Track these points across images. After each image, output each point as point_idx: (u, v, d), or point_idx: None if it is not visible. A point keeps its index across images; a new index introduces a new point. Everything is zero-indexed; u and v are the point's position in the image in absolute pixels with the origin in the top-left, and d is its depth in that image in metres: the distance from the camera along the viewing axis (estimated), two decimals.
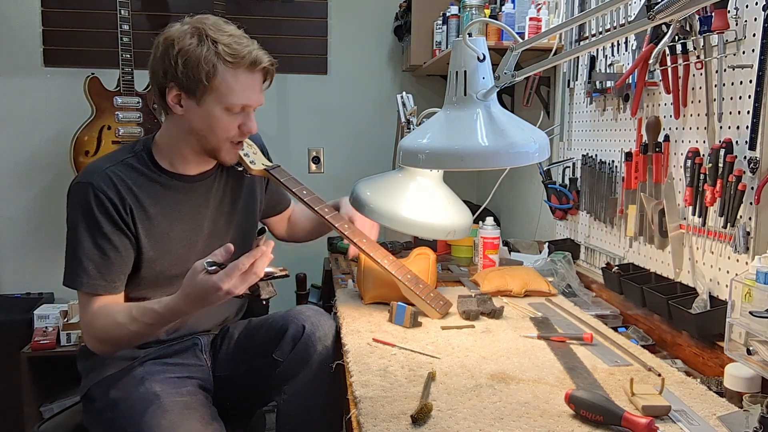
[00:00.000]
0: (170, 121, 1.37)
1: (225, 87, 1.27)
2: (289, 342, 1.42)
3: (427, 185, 1.46)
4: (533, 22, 2.07)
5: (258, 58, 1.29)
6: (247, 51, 1.27)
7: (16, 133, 2.88)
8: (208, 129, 1.32)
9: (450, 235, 1.46)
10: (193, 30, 1.27)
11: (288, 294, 2.64)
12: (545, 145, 1.00)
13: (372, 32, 3.11)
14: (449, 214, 1.46)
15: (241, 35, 1.30)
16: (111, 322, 1.28)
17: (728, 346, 1.09)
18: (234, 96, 1.28)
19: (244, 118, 1.34)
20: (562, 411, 1.02)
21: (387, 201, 1.40)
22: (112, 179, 1.31)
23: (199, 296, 1.18)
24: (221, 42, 1.25)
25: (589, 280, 1.83)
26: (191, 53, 1.24)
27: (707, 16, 1.27)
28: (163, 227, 1.38)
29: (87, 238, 1.30)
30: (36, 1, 2.84)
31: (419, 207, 1.43)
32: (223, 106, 1.29)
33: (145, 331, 1.28)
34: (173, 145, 1.38)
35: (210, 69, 1.25)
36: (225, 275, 1.15)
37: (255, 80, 1.32)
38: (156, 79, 1.31)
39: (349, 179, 3.10)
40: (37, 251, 2.91)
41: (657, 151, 1.51)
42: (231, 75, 1.27)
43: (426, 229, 1.44)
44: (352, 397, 1.08)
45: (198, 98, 1.28)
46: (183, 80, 1.26)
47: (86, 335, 1.34)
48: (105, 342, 1.32)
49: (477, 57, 1.01)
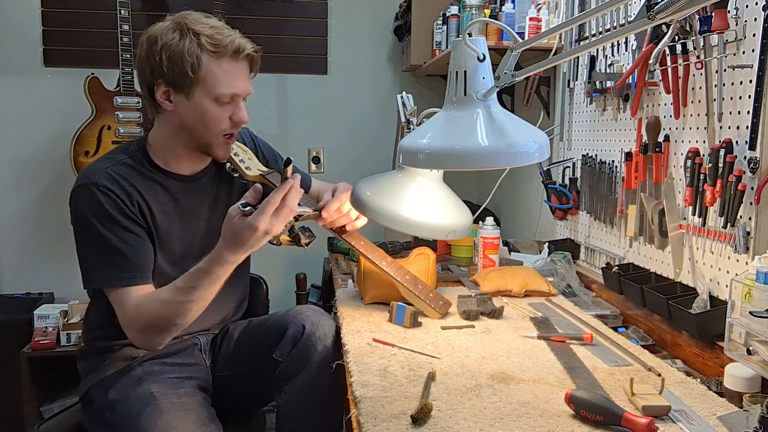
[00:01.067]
0: (161, 119, 1.36)
1: (211, 77, 1.26)
2: (289, 342, 1.42)
3: (427, 185, 1.46)
4: (533, 22, 2.07)
5: (241, 45, 1.29)
6: (230, 40, 1.27)
7: (16, 133, 2.88)
8: (200, 122, 1.31)
9: (450, 235, 1.46)
10: (174, 25, 1.27)
11: (288, 294, 2.64)
12: (545, 145, 1.00)
13: (372, 32, 3.11)
14: (449, 214, 1.46)
15: (222, 26, 1.30)
16: (157, 304, 1.26)
17: (728, 346, 1.09)
18: (221, 86, 1.28)
19: (234, 109, 1.32)
20: (562, 411, 1.02)
21: (387, 201, 1.40)
22: (115, 177, 1.31)
23: (239, 241, 1.19)
24: (203, 33, 1.25)
25: (589, 280, 1.83)
26: (174, 47, 1.24)
27: (707, 16, 1.27)
28: (164, 225, 1.38)
29: (107, 234, 1.28)
30: (36, 1, 2.84)
31: (419, 207, 1.43)
32: (211, 97, 1.28)
33: (193, 296, 1.24)
34: (166, 143, 1.37)
35: (194, 61, 1.24)
36: (259, 214, 1.17)
37: (240, 68, 1.31)
38: (144, 79, 1.31)
39: (349, 179, 3.10)
40: (37, 251, 2.91)
41: (657, 151, 1.51)
42: (215, 65, 1.26)
43: (426, 229, 1.44)
44: (352, 397, 1.08)
45: (186, 92, 1.28)
46: (169, 75, 1.26)
47: (132, 331, 1.29)
48: (153, 330, 1.28)
49: (477, 57, 1.00)
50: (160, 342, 1.32)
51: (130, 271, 1.29)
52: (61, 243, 2.85)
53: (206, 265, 1.23)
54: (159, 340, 1.31)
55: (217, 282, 1.25)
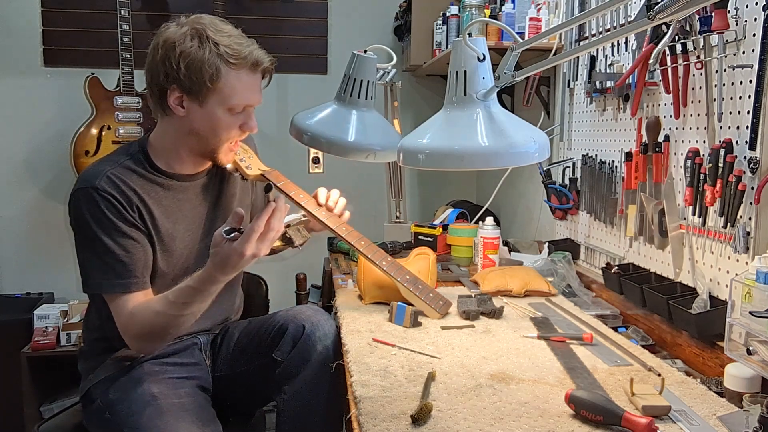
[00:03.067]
0: (168, 122, 1.36)
1: (228, 89, 1.28)
2: (289, 342, 1.42)
3: (364, 116, 1.51)
4: (533, 22, 2.07)
5: (259, 58, 1.31)
6: (248, 51, 1.29)
7: (16, 133, 2.88)
8: (210, 130, 1.32)
9: (370, 157, 1.48)
10: (192, 32, 1.27)
11: (288, 294, 2.64)
12: (545, 145, 1.00)
13: (372, 32, 3.11)
14: (368, 136, 1.47)
15: (239, 35, 1.31)
16: (150, 315, 1.28)
17: (728, 346, 1.10)
18: (237, 97, 1.29)
19: (245, 118, 1.34)
20: (562, 411, 1.02)
21: (324, 127, 1.44)
22: (114, 181, 1.31)
23: (229, 264, 1.20)
24: (222, 44, 1.26)
25: (589, 280, 1.83)
26: (194, 56, 1.25)
27: (707, 16, 1.27)
28: (166, 227, 1.38)
29: (106, 240, 1.28)
30: (36, 1, 2.84)
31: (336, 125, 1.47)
32: (225, 107, 1.30)
33: (185, 311, 1.26)
34: (170, 145, 1.37)
35: (213, 72, 1.25)
36: (245, 241, 1.17)
37: (256, 80, 1.33)
38: (156, 82, 1.30)
39: (349, 179, 3.12)
40: (37, 251, 2.91)
41: (657, 151, 1.51)
42: (234, 76, 1.28)
43: (346, 148, 1.47)
44: (352, 397, 1.08)
45: (201, 100, 1.28)
46: (185, 82, 1.26)
47: (127, 336, 1.32)
48: (148, 337, 1.31)
49: (477, 57, 1.00)
50: (155, 348, 1.36)
51: (127, 278, 1.30)
52: (61, 243, 2.86)
53: (197, 283, 1.24)
54: (154, 346, 1.35)
55: (208, 297, 1.27)
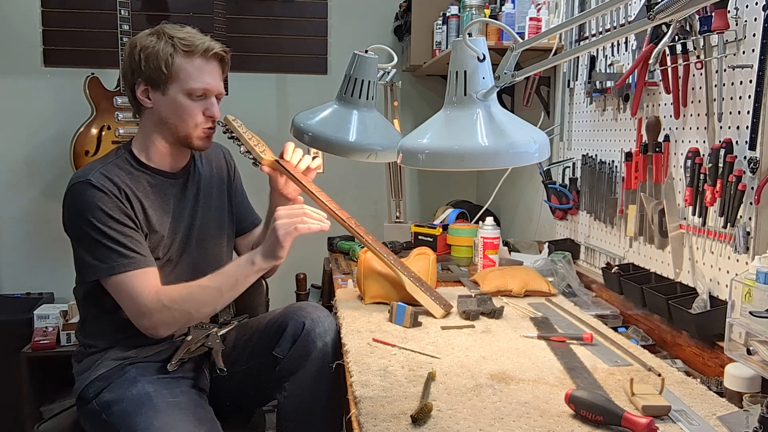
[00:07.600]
0: (144, 118, 1.45)
1: (184, 73, 1.39)
2: (288, 339, 1.42)
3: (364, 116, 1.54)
4: (533, 22, 2.07)
5: (210, 45, 1.42)
6: (200, 41, 1.40)
7: (16, 133, 2.88)
8: (176, 116, 1.41)
9: (371, 157, 1.50)
10: (153, 32, 1.42)
11: (288, 294, 2.64)
12: (545, 145, 1.00)
13: (372, 32, 3.11)
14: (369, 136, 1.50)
15: (196, 32, 1.44)
16: (189, 289, 1.36)
17: (728, 346, 1.09)
18: (192, 81, 1.39)
19: (207, 104, 1.43)
20: (562, 411, 1.02)
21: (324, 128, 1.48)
22: (107, 176, 1.36)
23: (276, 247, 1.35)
24: (177, 36, 1.39)
25: (589, 280, 1.83)
26: (151, 48, 1.38)
27: (707, 16, 1.27)
28: (155, 220, 1.42)
29: (105, 226, 1.33)
30: (36, 1, 2.84)
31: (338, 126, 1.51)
32: (184, 92, 1.39)
33: (228, 295, 1.37)
34: (149, 139, 1.45)
35: (168, 59, 1.37)
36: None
37: (211, 66, 1.43)
38: (127, 80, 1.43)
39: (349, 179, 3.12)
40: (37, 251, 2.91)
41: (657, 151, 1.51)
42: (187, 62, 1.39)
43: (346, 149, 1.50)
44: (352, 397, 1.08)
45: (162, 89, 1.39)
46: (147, 74, 1.39)
47: (146, 317, 1.33)
48: (177, 313, 1.34)
49: (477, 57, 1.00)
50: (168, 331, 1.37)
51: (135, 254, 1.34)
52: (61, 243, 2.82)
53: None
54: (176, 326, 1.38)
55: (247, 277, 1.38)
